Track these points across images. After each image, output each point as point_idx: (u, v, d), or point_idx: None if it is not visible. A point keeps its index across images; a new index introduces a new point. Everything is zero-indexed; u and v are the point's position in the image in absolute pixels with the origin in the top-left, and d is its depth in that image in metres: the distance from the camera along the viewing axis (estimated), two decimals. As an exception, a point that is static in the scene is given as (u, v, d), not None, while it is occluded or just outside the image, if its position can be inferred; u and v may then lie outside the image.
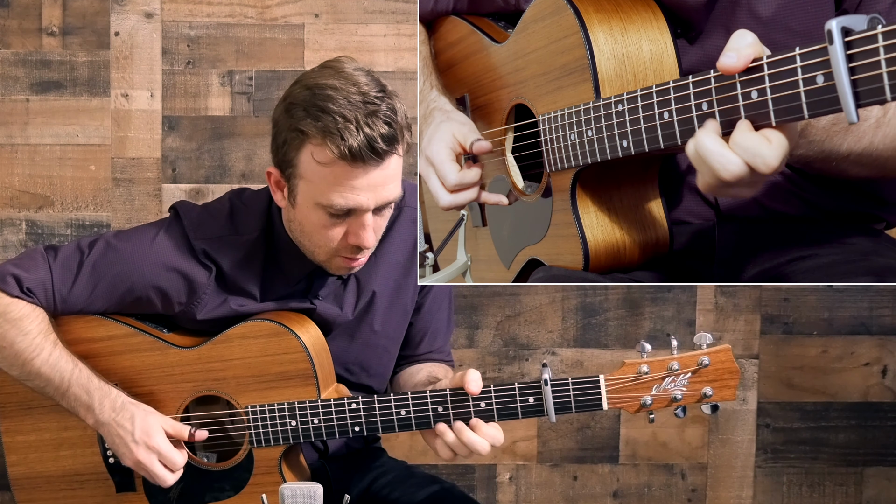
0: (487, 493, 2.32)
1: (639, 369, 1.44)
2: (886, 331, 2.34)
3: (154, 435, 1.52)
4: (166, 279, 1.57)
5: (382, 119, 1.40)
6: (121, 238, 1.60)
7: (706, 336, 1.44)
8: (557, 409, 1.46)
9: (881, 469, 2.38)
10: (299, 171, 1.47)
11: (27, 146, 2.20)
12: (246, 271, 1.58)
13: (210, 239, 1.57)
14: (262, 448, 1.56)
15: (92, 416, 1.55)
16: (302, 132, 1.43)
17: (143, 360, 1.59)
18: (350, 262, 1.53)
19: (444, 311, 1.77)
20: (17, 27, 2.18)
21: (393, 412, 1.51)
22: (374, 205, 1.46)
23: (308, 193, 1.47)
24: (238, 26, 2.21)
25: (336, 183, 1.43)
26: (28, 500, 1.64)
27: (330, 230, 1.49)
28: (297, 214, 1.52)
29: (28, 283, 1.56)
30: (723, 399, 1.44)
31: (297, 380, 1.54)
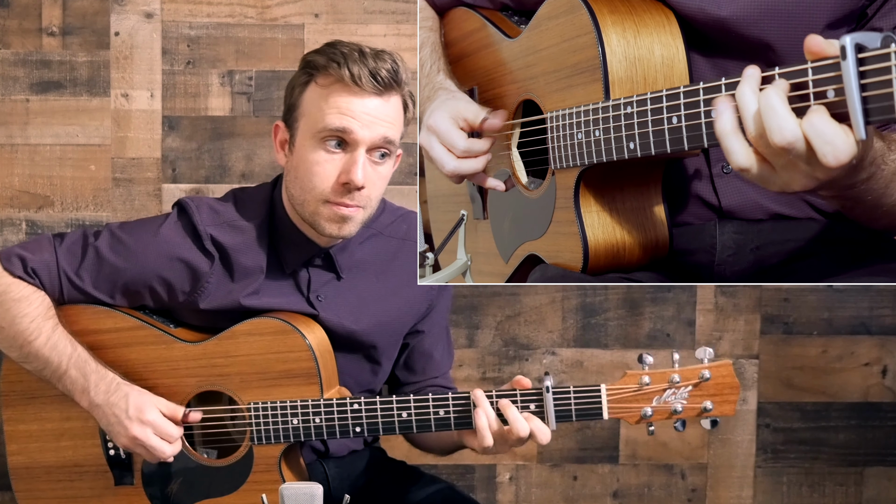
0: (487, 493, 2.32)
1: (640, 380, 1.46)
2: (886, 331, 2.34)
3: (147, 410, 1.53)
4: (170, 269, 1.58)
5: (387, 61, 1.50)
6: (125, 229, 1.61)
7: (708, 350, 1.46)
8: (558, 417, 1.47)
9: (881, 469, 2.38)
10: (301, 110, 1.53)
11: (27, 146, 2.20)
12: (251, 256, 1.60)
13: (219, 225, 1.59)
14: (262, 445, 1.56)
15: (86, 398, 1.55)
16: (310, 68, 1.52)
17: (148, 353, 1.59)
18: (340, 209, 1.52)
19: (444, 336, 1.79)
20: (17, 27, 2.18)
21: (394, 414, 1.52)
22: (369, 137, 1.49)
23: (306, 128, 1.52)
24: (238, 26, 2.21)
25: (334, 105, 1.49)
26: (26, 490, 1.64)
27: (323, 167, 1.50)
28: (294, 160, 1.54)
29: (33, 264, 1.58)
30: (722, 414, 1.46)
31: (301, 378, 1.55)
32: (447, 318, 1.81)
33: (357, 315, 1.64)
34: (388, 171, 1.57)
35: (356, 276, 1.65)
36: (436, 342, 1.77)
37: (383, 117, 1.50)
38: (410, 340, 1.74)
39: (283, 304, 1.61)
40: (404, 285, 1.68)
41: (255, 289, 1.60)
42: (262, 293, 1.60)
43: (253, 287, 1.60)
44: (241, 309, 1.59)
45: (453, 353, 1.84)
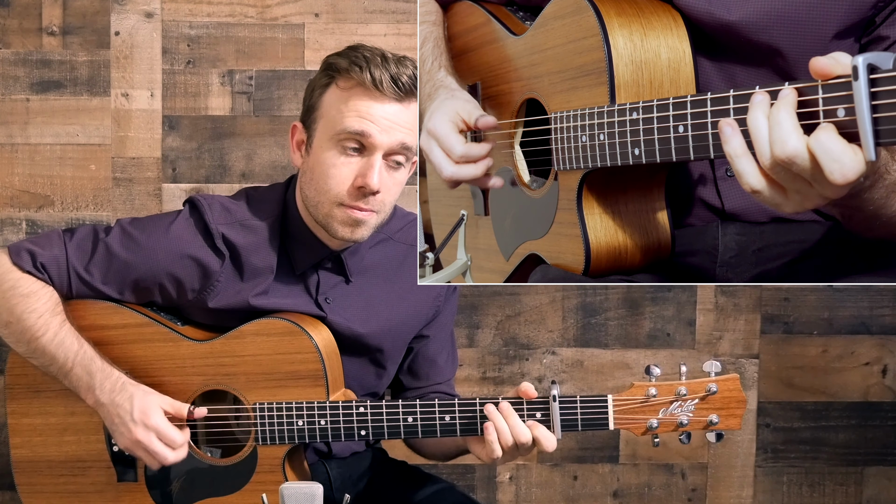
0: (487, 493, 2.32)
1: (647, 392, 1.46)
2: (886, 330, 2.34)
3: (152, 414, 1.52)
4: (180, 266, 1.57)
5: (408, 67, 1.51)
6: (136, 226, 1.61)
7: (715, 364, 1.46)
8: (564, 426, 1.48)
9: (881, 469, 2.38)
10: (320, 112, 1.53)
11: (27, 146, 2.20)
12: (262, 256, 1.59)
13: (230, 224, 1.59)
14: (266, 446, 1.56)
15: (92, 397, 1.55)
16: (332, 70, 1.52)
17: (155, 350, 1.59)
18: (354, 213, 1.52)
19: (449, 342, 1.79)
20: (18, 27, 2.18)
21: (400, 418, 1.52)
22: (387, 142, 1.49)
23: (324, 129, 1.52)
24: (238, 26, 2.21)
25: (353, 108, 1.49)
26: (28, 483, 1.64)
27: (339, 169, 1.50)
28: (311, 161, 1.54)
29: (42, 258, 1.57)
30: (728, 427, 1.47)
31: (307, 380, 1.54)
32: (452, 325, 1.80)
33: (364, 318, 1.64)
34: (404, 177, 1.56)
35: (365, 279, 1.65)
36: (440, 348, 1.77)
37: (402, 123, 1.50)
38: (415, 345, 1.74)
39: (291, 305, 1.60)
40: (412, 290, 1.68)
41: (264, 289, 1.59)
42: (271, 293, 1.60)
43: (262, 287, 1.59)
44: (250, 309, 1.59)
45: (458, 360, 1.84)
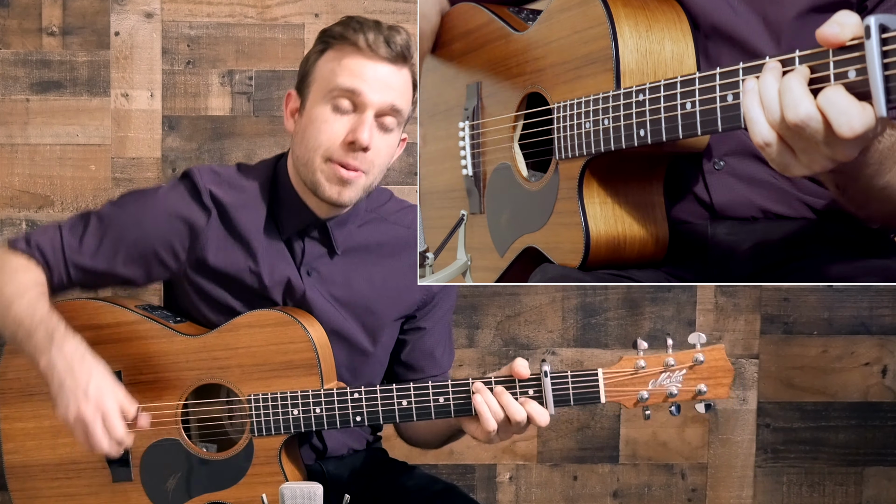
0: (487, 493, 2.32)
1: (636, 364, 1.48)
2: (886, 331, 2.34)
3: (107, 397, 1.47)
4: (169, 227, 1.60)
5: (401, 32, 1.55)
6: (125, 196, 1.66)
7: (700, 336, 1.48)
8: (556, 402, 1.48)
9: (881, 469, 2.38)
10: (314, 76, 1.57)
11: (27, 146, 2.20)
12: (249, 214, 1.61)
13: (219, 183, 1.62)
14: (262, 437, 1.56)
15: (45, 357, 1.48)
16: (326, 37, 1.56)
17: (148, 347, 1.59)
18: (341, 171, 1.53)
19: (446, 335, 1.80)
20: (17, 27, 2.18)
21: (395, 402, 1.53)
22: (378, 101, 1.52)
23: (317, 91, 1.55)
24: (238, 26, 2.21)
25: (346, 67, 1.53)
26: (22, 489, 1.63)
27: (331, 125, 1.53)
28: (303, 122, 1.57)
29: (36, 237, 1.62)
30: (716, 396, 1.48)
31: (301, 369, 1.55)
32: (450, 318, 1.81)
33: (346, 297, 1.65)
34: (394, 141, 1.59)
35: (352, 258, 1.65)
36: (438, 341, 1.77)
37: (394, 85, 1.54)
38: (411, 337, 1.74)
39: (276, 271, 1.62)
40: (400, 274, 1.68)
41: (253, 253, 1.62)
42: (260, 259, 1.61)
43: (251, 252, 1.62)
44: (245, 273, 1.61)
45: (454, 353, 1.84)
